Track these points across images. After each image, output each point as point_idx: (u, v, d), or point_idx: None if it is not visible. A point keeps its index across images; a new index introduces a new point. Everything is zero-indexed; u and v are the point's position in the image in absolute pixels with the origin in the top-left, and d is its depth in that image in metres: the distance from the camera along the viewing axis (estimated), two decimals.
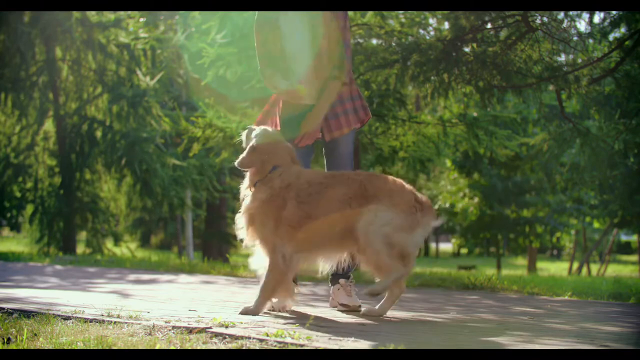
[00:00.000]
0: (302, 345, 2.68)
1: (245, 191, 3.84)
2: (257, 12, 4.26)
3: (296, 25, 4.14)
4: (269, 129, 3.96)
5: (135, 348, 2.72)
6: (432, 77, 6.94)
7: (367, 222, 3.52)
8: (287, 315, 3.75)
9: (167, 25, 14.49)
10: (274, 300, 3.81)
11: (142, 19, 13.72)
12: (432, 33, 8.20)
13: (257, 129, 3.92)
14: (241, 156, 3.82)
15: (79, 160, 13.27)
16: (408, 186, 3.68)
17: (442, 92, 7.07)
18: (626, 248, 38.75)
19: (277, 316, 3.66)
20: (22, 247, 14.89)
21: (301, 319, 3.54)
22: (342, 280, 4.14)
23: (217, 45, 8.35)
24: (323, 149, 4.30)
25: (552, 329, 3.48)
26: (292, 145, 4.00)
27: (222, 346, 2.76)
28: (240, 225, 3.81)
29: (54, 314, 3.42)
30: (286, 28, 4.14)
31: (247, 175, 3.85)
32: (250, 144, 3.83)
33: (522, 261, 30.83)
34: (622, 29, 6.91)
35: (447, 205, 23.11)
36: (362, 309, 3.88)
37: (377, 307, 3.75)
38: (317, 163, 8.14)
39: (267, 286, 3.66)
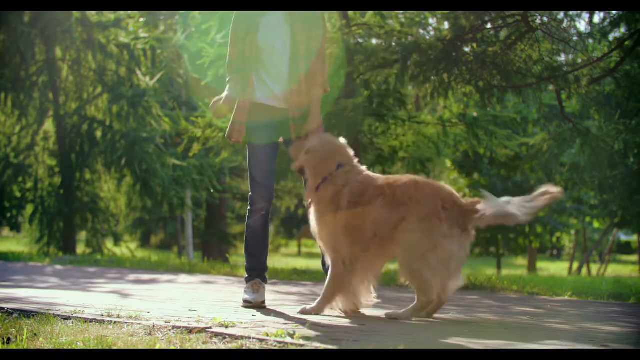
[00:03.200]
0: (302, 345, 2.68)
1: (311, 194, 3.79)
2: (235, 13, 4.24)
3: (276, 30, 4.11)
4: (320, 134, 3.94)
5: (135, 348, 2.72)
6: (432, 77, 6.94)
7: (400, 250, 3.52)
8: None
9: (167, 25, 14.48)
10: (339, 302, 3.77)
11: (142, 19, 13.71)
12: (432, 33, 8.21)
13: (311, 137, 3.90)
14: (299, 159, 3.82)
15: (79, 160, 13.26)
16: (438, 190, 3.58)
17: (442, 92, 7.07)
18: (626, 248, 38.72)
19: (277, 316, 3.66)
20: (22, 247, 14.88)
21: (301, 319, 3.54)
22: None
23: (217, 45, 8.36)
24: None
25: (552, 329, 3.48)
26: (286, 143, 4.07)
27: (222, 346, 2.76)
28: (312, 228, 3.81)
29: (54, 314, 3.42)
30: (265, 31, 4.12)
31: (309, 176, 3.81)
32: (306, 146, 3.82)
33: (522, 261, 30.82)
34: (622, 29, 6.90)
35: None
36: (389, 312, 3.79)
37: (401, 311, 3.70)
38: None
39: (328, 289, 3.72)
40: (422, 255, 3.47)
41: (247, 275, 4.25)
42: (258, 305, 4.08)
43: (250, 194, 4.24)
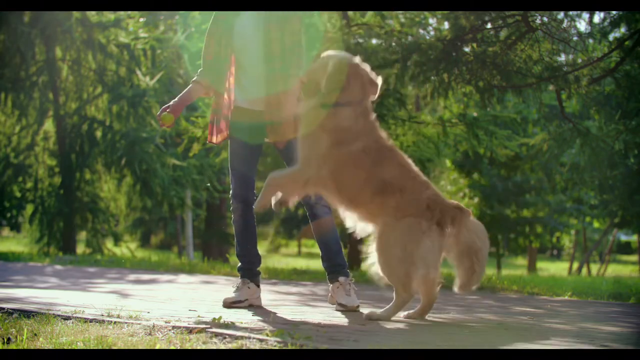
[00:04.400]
0: (302, 345, 2.68)
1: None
2: (214, 14, 4.16)
3: (251, 31, 4.05)
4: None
5: (135, 348, 2.72)
6: (432, 77, 6.95)
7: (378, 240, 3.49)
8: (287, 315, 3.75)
9: (167, 25, 14.48)
10: None
11: (142, 19, 13.71)
12: (432, 33, 8.21)
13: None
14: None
15: (79, 160, 13.26)
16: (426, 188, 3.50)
17: (442, 92, 7.07)
18: (626, 248, 38.73)
19: (277, 316, 3.66)
20: (22, 247, 14.88)
21: (301, 319, 3.54)
22: (341, 279, 4.10)
23: None
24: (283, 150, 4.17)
25: (552, 329, 3.48)
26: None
27: (222, 346, 2.75)
28: None
29: (54, 314, 3.42)
30: (240, 32, 4.06)
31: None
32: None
33: (522, 261, 30.83)
34: (622, 29, 6.91)
35: None
36: (364, 310, 3.78)
37: (380, 311, 3.60)
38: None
39: None
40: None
41: (239, 264, 4.23)
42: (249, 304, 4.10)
43: (232, 189, 4.19)
